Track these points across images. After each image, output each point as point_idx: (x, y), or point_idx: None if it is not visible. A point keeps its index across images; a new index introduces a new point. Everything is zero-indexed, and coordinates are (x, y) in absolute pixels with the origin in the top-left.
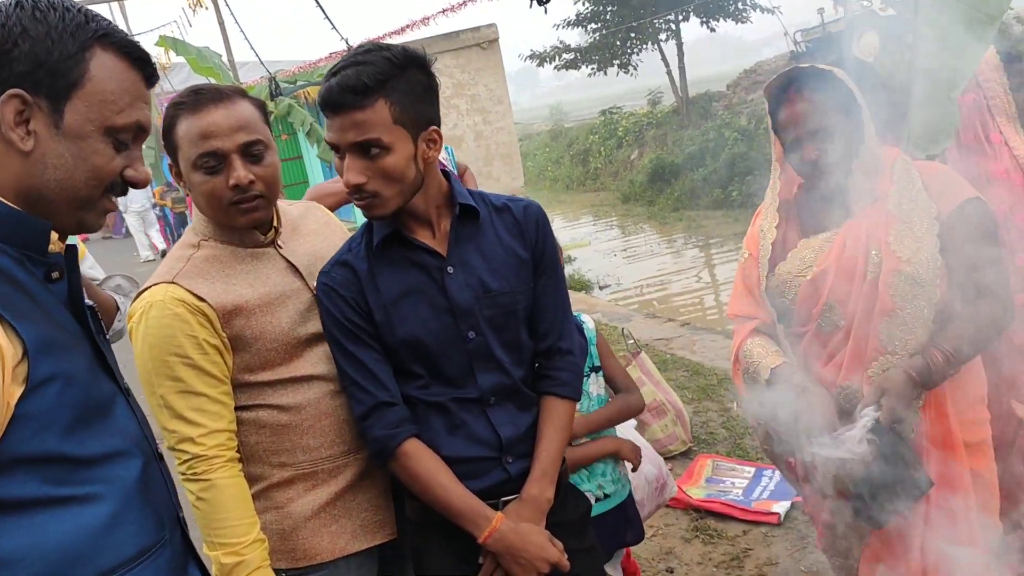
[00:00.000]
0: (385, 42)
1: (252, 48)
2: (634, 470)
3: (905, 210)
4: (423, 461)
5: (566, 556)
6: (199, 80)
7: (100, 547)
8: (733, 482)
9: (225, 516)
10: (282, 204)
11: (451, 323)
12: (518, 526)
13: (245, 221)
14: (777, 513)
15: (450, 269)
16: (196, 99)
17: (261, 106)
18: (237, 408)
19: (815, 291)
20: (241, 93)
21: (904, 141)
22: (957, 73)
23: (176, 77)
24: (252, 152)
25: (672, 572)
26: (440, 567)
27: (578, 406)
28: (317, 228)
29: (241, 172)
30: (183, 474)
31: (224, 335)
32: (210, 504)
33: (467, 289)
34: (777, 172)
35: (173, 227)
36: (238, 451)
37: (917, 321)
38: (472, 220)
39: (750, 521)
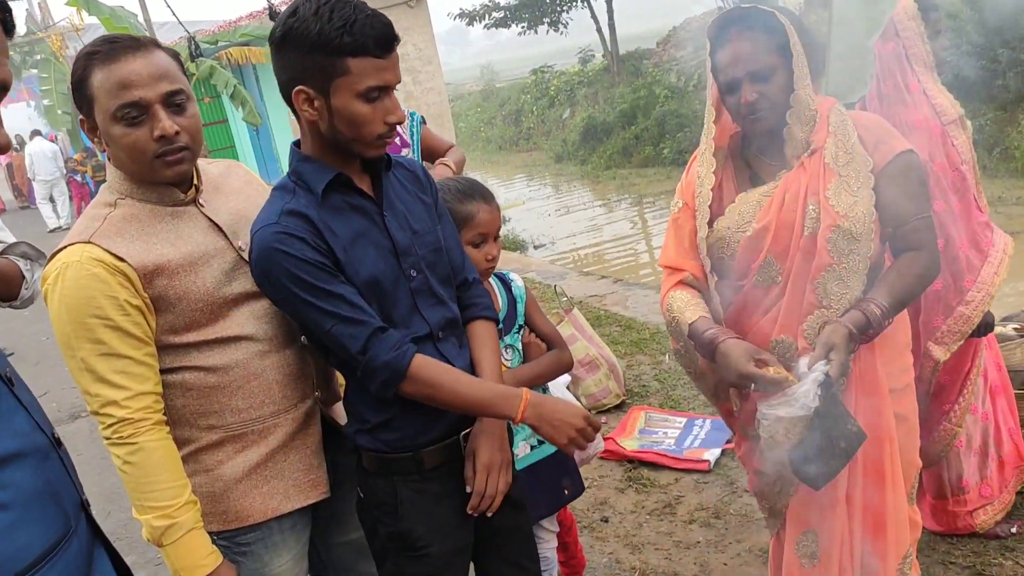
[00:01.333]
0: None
1: (169, 7)
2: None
3: (841, 163)
4: (437, 368)
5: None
6: None
7: (6, 554)
8: (665, 432)
9: (154, 479)
10: (202, 163)
11: (395, 263)
12: (538, 397)
13: (171, 174)
14: (708, 460)
15: (386, 213)
16: (111, 48)
17: (177, 56)
18: (162, 371)
19: (754, 247)
20: (156, 43)
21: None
22: (872, 21)
23: (90, 39)
24: (175, 102)
25: (607, 521)
26: (410, 519)
27: (508, 362)
28: (239, 187)
29: (166, 122)
30: (108, 439)
31: (146, 296)
32: (138, 468)
33: (402, 231)
34: (712, 116)
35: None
36: (165, 413)
37: (853, 275)
38: (385, 172)
39: (682, 469)
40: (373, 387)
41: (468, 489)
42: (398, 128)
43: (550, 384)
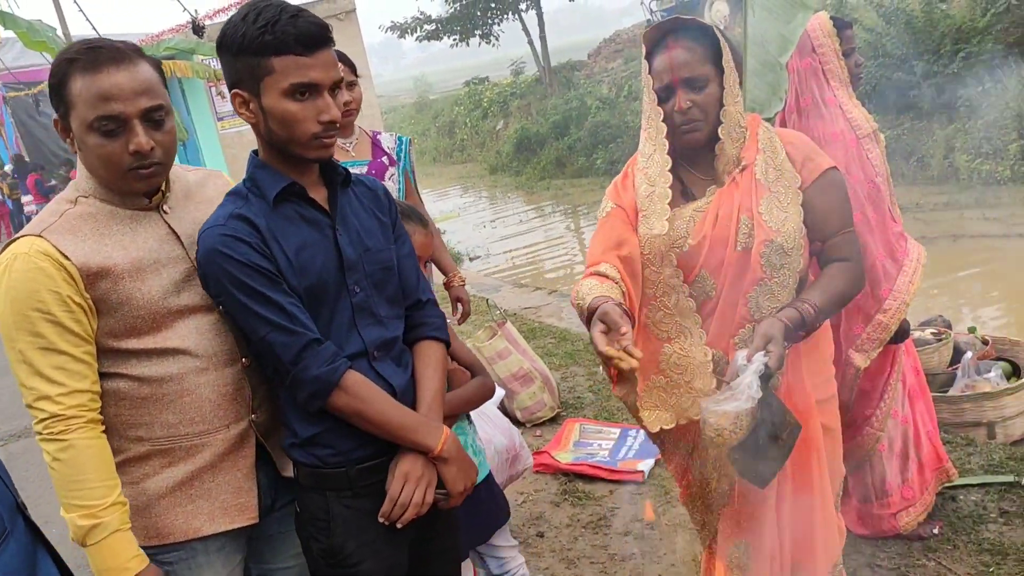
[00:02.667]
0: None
1: (89, 21)
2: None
3: (772, 179)
4: (368, 388)
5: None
6: (33, 56)
7: None
8: (600, 444)
9: (82, 478)
10: (180, 169)
11: (340, 277)
12: (456, 438)
13: (142, 187)
14: (642, 471)
15: (337, 227)
16: (94, 56)
17: (158, 67)
18: (99, 375)
19: (689, 262)
20: (139, 53)
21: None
22: (785, 39)
23: (8, 53)
24: (154, 118)
25: (542, 536)
26: (342, 535)
27: None
28: (213, 196)
29: (143, 139)
30: (39, 433)
31: (88, 296)
32: (67, 465)
33: (352, 246)
34: (660, 116)
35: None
36: (100, 413)
37: (783, 289)
38: (343, 186)
39: (617, 481)
40: (301, 399)
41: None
42: (385, 147)
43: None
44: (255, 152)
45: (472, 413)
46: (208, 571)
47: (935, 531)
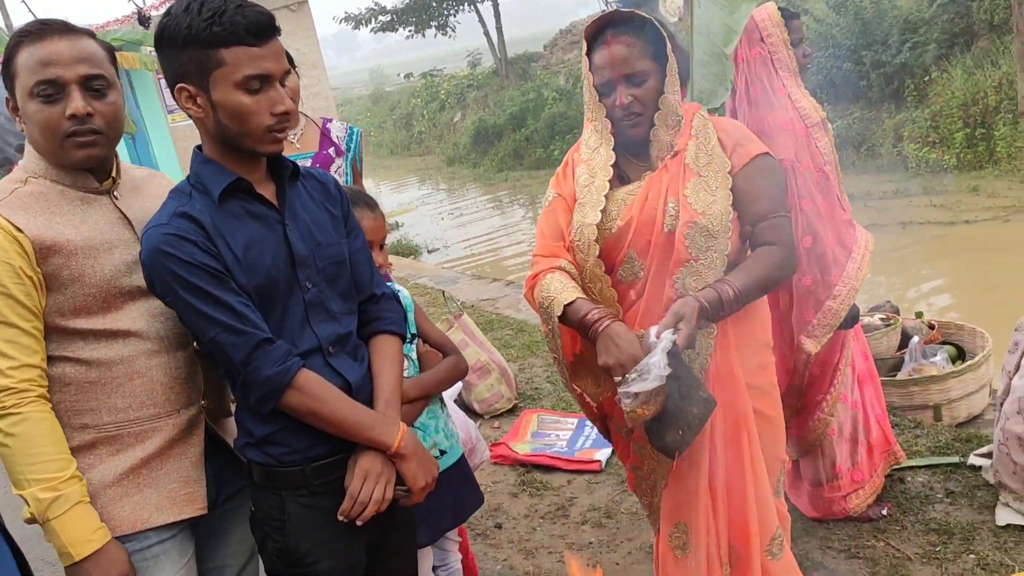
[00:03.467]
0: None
1: (31, 11)
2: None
3: (702, 164)
4: (323, 386)
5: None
6: None
7: None
8: (558, 435)
9: (39, 451)
10: (126, 165)
11: (291, 273)
12: (413, 434)
13: (81, 156)
14: (599, 460)
15: (288, 223)
16: (41, 29)
17: (110, 50)
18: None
19: (617, 243)
20: (90, 34)
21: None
22: (730, 29)
23: None
24: (94, 86)
25: (500, 527)
26: (297, 534)
27: (406, 372)
28: (159, 194)
29: (79, 103)
30: None
31: (39, 271)
32: (21, 439)
33: (303, 241)
34: (603, 112)
35: None
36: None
37: (710, 271)
38: (292, 180)
39: (574, 471)
40: (252, 399)
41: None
42: (333, 136)
43: (451, 412)
44: (199, 147)
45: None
46: (166, 561)
47: (884, 512)
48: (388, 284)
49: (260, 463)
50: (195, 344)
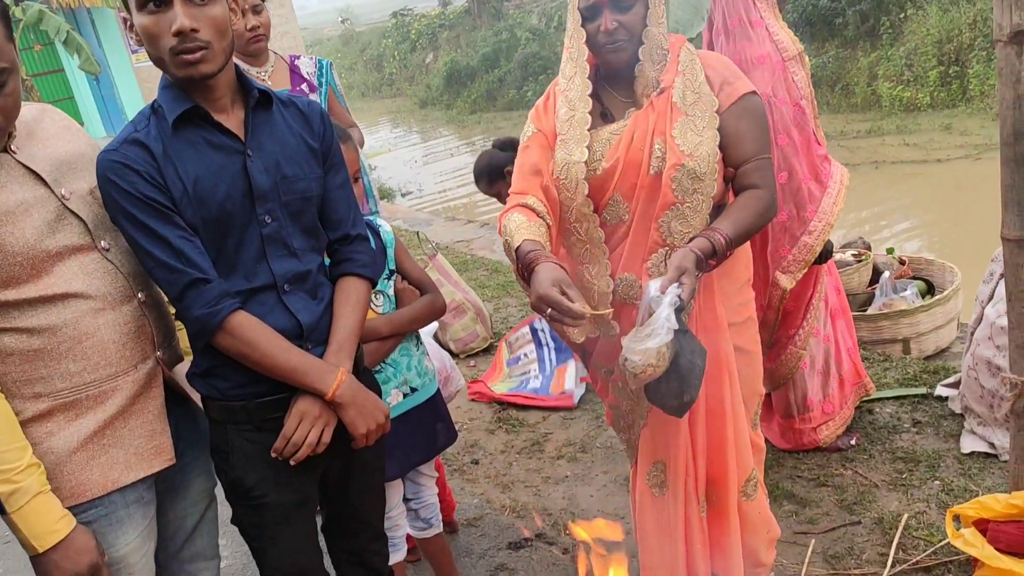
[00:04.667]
0: None
1: None
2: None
3: (689, 102)
4: (255, 329)
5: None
6: None
7: None
8: (529, 369)
9: None
10: None
11: (249, 207)
12: (354, 382)
13: None
14: (571, 395)
15: (250, 153)
16: None
17: (3, 14)
18: None
19: (603, 185)
20: None
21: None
22: None
23: None
24: None
25: (477, 463)
26: (242, 467)
27: (379, 308)
28: (56, 132)
29: None
30: None
31: None
32: None
33: (266, 173)
34: (583, 37)
35: None
36: None
37: (696, 214)
38: (264, 109)
39: (549, 408)
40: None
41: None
42: (304, 73)
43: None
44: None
45: (421, 339)
46: (129, 525)
47: (853, 443)
48: (370, 218)
49: (207, 395)
50: (139, 296)
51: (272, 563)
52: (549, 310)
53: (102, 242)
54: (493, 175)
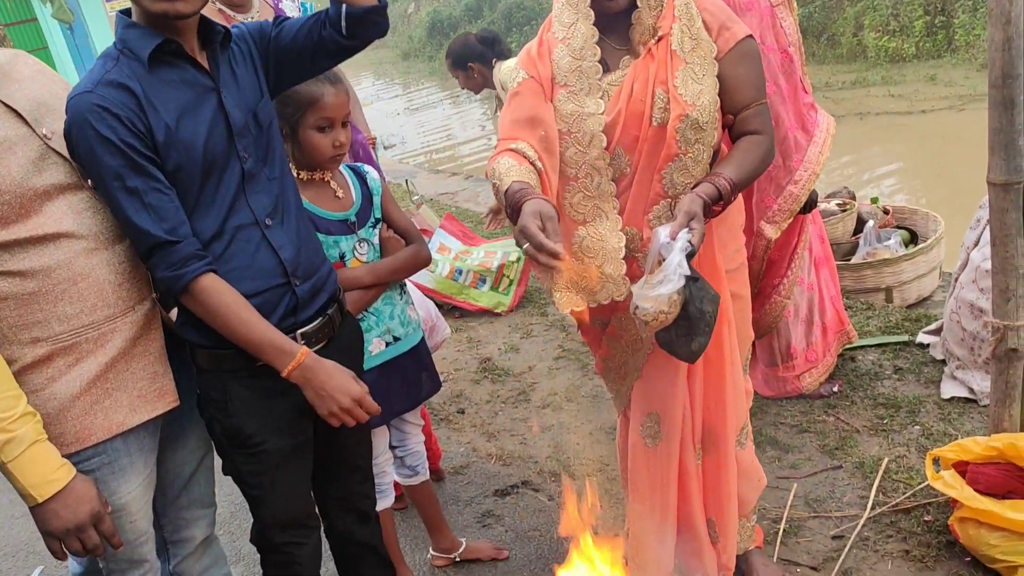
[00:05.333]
0: None
1: None
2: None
3: (687, 49)
4: (220, 296)
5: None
6: None
7: None
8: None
9: None
10: None
11: (229, 143)
12: (322, 361)
13: None
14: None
15: (222, 89)
16: None
17: None
18: None
19: (604, 137)
20: None
21: None
22: None
23: None
24: None
25: (463, 413)
26: (240, 415)
27: (364, 256)
28: (31, 75)
29: None
30: None
31: None
32: None
33: (239, 109)
34: None
35: None
36: None
37: (697, 165)
38: (224, 48)
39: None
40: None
41: None
42: (285, 9)
43: (411, 294)
44: (125, 12)
45: (407, 291)
46: (132, 472)
47: (835, 389)
48: (358, 165)
49: (200, 344)
50: None
51: (270, 509)
52: (526, 245)
53: (89, 180)
54: (458, 61)
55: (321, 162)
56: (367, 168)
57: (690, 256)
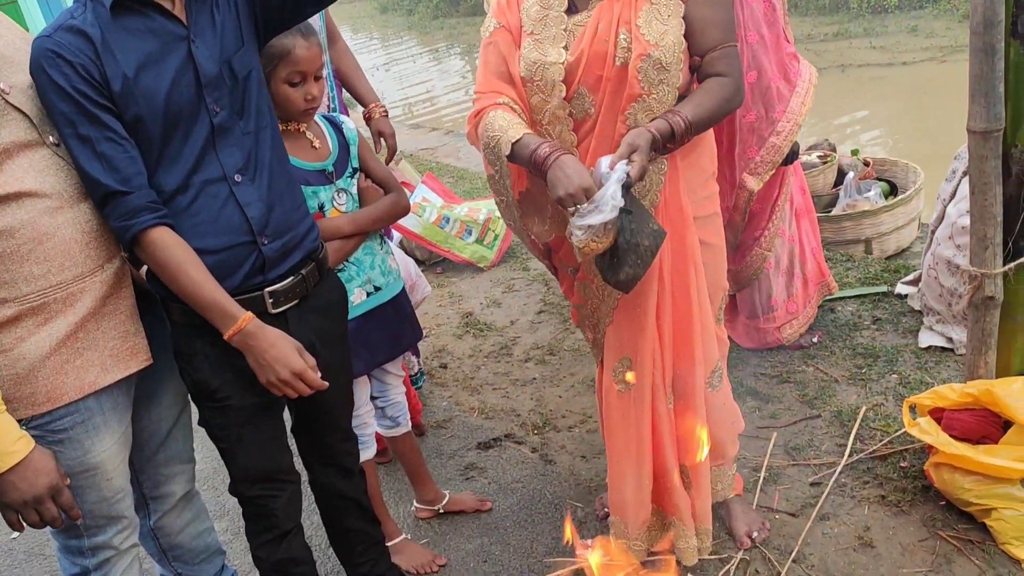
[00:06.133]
0: None
1: None
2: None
3: None
4: (169, 250)
5: (319, 375)
6: None
7: None
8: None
9: None
10: None
11: (197, 96)
12: (266, 329)
13: None
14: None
15: (194, 38)
16: None
17: None
18: None
19: (567, 78)
20: None
21: None
22: None
23: None
24: None
25: (445, 367)
26: (205, 370)
27: (343, 206)
28: None
29: None
30: None
31: None
32: None
33: (211, 60)
34: None
35: None
36: None
37: (662, 106)
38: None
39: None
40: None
41: None
42: None
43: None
44: None
45: (387, 242)
46: (105, 431)
47: (815, 340)
48: (333, 114)
49: (166, 297)
50: None
51: (240, 464)
52: (575, 206)
53: (50, 137)
54: None
55: (294, 115)
56: (343, 118)
57: (627, 187)
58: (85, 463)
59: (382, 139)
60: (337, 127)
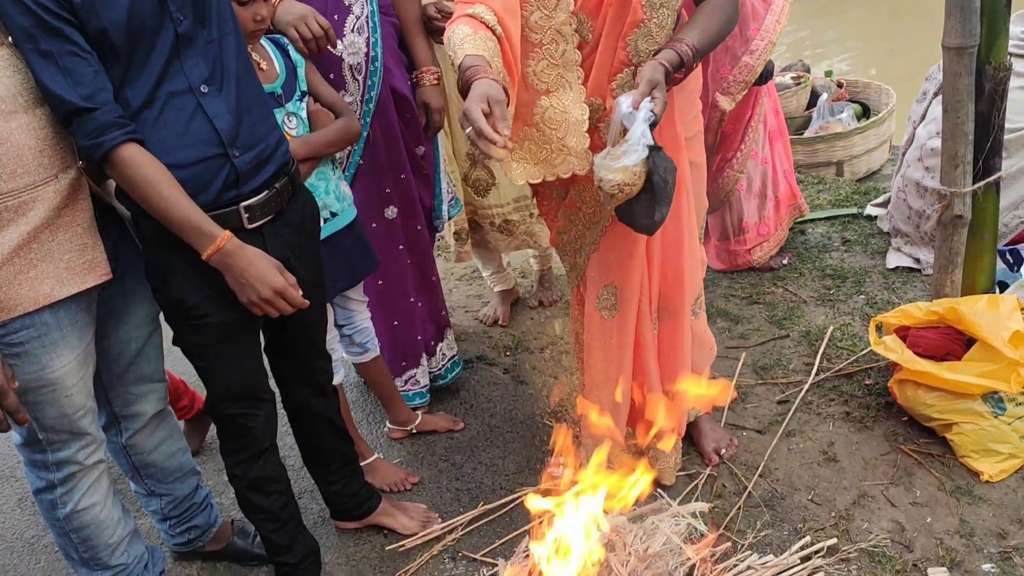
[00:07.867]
0: None
1: None
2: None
3: None
4: (141, 168)
5: (300, 292)
6: None
7: None
8: None
9: None
10: None
11: (160, 4)
12: (245, 248)
13: None
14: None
15: None
16: None
17: None
18: None
19: (565, 4)
20: None
21: None
22: None
23: None
24: None
25: None
26: (181, 287)
27: (293, 131)
28: None
29: None
30: None
31: None
32: None
33: None
34: None
35: None
36: None
37: (661, 31)
38: None
39: None
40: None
41: None
42: None
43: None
44: None
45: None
46: (64, 347)
47: (785, 262)
48: (278, 37)
49: (140, 213)
50: None
51: (218, 382)
52: (468, 129)
53: (10, 38)
54: None
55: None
56: (287, 40)
57: (653, 125)
58: (43, 378)
59: (426, 112)
60: (283, 49)
